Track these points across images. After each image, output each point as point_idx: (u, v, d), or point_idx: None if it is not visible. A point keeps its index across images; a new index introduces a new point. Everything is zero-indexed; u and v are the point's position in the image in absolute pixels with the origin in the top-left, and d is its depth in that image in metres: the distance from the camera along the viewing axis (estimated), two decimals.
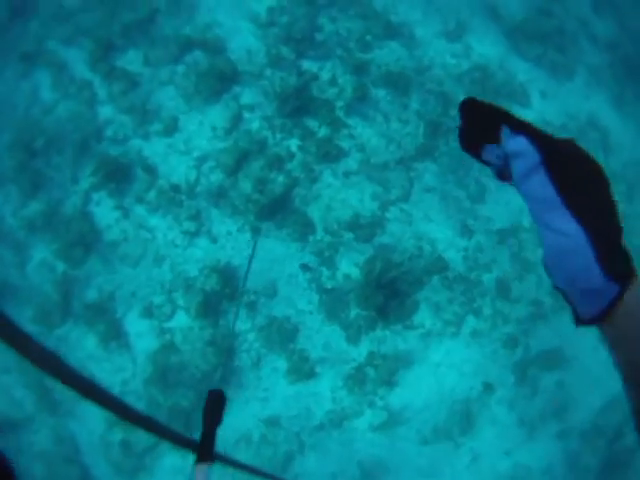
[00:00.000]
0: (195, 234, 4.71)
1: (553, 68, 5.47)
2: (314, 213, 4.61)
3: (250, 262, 4.14)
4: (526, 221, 4.93)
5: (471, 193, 4.81)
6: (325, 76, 4.80)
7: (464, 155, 0.69)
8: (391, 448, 4.71)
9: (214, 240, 4.70)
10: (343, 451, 4.66)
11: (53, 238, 4.78)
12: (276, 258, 4.62)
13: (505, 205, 4.89)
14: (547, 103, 5.32)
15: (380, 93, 4.83)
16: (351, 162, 4.67)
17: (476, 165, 4.94)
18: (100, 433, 4.64)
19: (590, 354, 5.16)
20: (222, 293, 4.60)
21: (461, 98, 0.69)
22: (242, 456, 4.71)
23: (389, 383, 4.58)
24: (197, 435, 1.42)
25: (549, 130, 0.64)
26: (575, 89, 5.50)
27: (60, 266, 4.76)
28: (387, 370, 4.54)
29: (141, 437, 4.70)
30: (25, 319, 4.69)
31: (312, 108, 4.72)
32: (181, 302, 4.69)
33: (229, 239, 4.68)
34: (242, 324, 4.62)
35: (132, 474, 4.70)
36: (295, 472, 4.68)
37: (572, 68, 5.54)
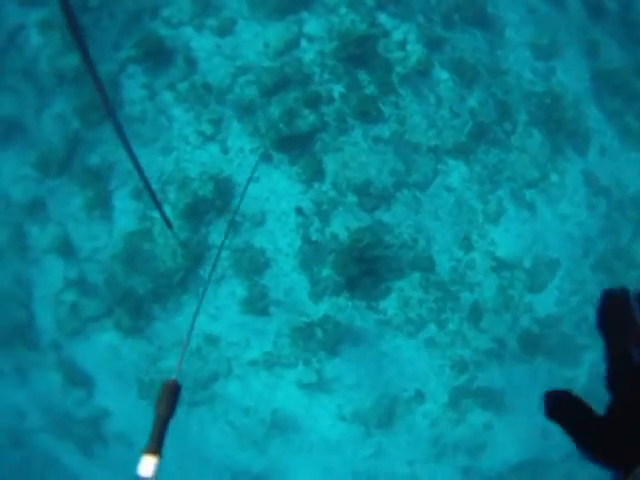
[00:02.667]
0: (209, 138, 4.65)
1: (625, 129, 5.15)
2: (329, 164, 4.50)
3: (247, 184, 4.06)
4: (527, 262, 4.78)
5: (488, 210, 4.64)
6: (396, 36, 4.57)
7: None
8: (308, 410, 4.77)
9: (225, 151, 4.63)
10: (264, 393, 4.74)
11: (77, 94, 4.74)
12: (276, 191, 4.55)
13: (515, 237, 4.73)
14: (602, 161, 5.04)
15: (443, 75, 4.60)
16: (385, 130, 4.51)
17: (505, 185, 4.75)
18: (56, 290, 4.76)
19: (527, 412, 5.10)
20: (212, 203, 4.57)
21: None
22: (174, 357, 4.82)
23: (332, 350, 4.59)
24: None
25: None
26: (637, 160, 5.19)
27: (75, 123, 4.75)
28: (334, 337, 4.55)
29: (91, 306, 4.83)
30: (26, 161, 4.74)
31: (370, 62, 4.51)
32: (171, 196, 4.68)
33: (239, 155, 4.61)
34: (219, 239, 4.62)
35: (71, 335, 4.84)
36: (214, 392, 4.79)
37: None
